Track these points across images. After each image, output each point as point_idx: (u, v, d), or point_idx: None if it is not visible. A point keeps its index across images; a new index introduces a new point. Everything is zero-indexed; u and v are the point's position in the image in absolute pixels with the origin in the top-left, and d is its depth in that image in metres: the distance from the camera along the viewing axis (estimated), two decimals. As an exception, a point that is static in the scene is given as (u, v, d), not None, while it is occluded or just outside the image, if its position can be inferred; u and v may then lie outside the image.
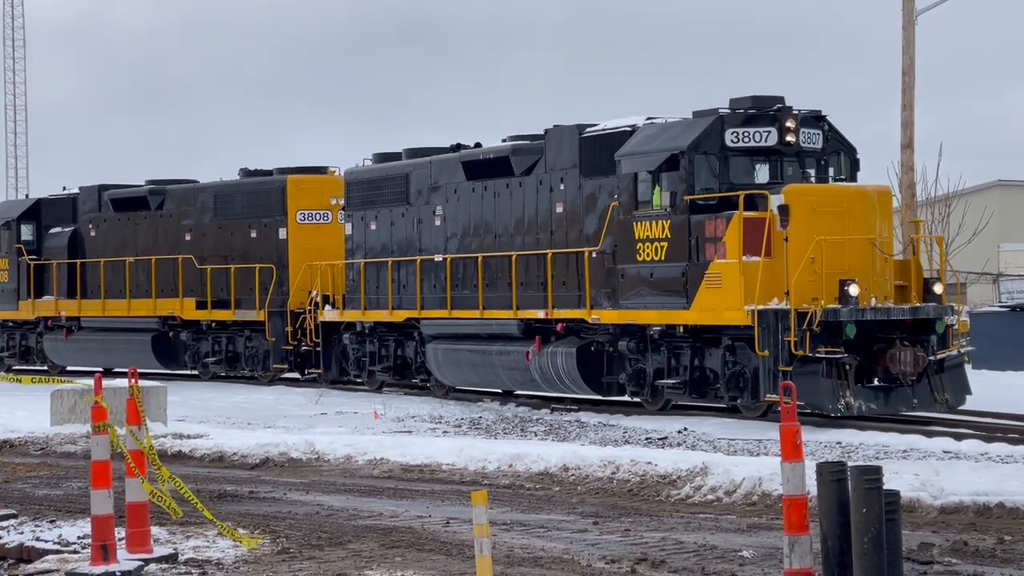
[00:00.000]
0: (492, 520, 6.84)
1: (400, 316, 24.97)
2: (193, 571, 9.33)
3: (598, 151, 21.21)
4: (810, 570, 6.77)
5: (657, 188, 19.88)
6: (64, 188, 34.23)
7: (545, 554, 9.69)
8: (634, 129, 20.67)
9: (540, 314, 22.02)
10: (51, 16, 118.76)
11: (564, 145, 21.89)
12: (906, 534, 8.72)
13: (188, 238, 30.51)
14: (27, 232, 34.01)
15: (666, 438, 17.89)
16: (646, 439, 17.86)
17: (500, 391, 24.40)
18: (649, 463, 13.16)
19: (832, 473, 6.78)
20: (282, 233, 28.72)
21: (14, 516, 11.56)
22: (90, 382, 14.31)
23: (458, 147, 24.55)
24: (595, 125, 21.60)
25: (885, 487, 6.69)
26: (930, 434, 17.34)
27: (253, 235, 29.27)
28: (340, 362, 26.79)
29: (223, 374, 29.79)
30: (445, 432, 19.31)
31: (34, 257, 33.66)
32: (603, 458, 13.62)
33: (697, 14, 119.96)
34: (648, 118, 20.77)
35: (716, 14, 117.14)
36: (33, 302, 33.34)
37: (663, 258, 19.77)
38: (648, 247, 20.02)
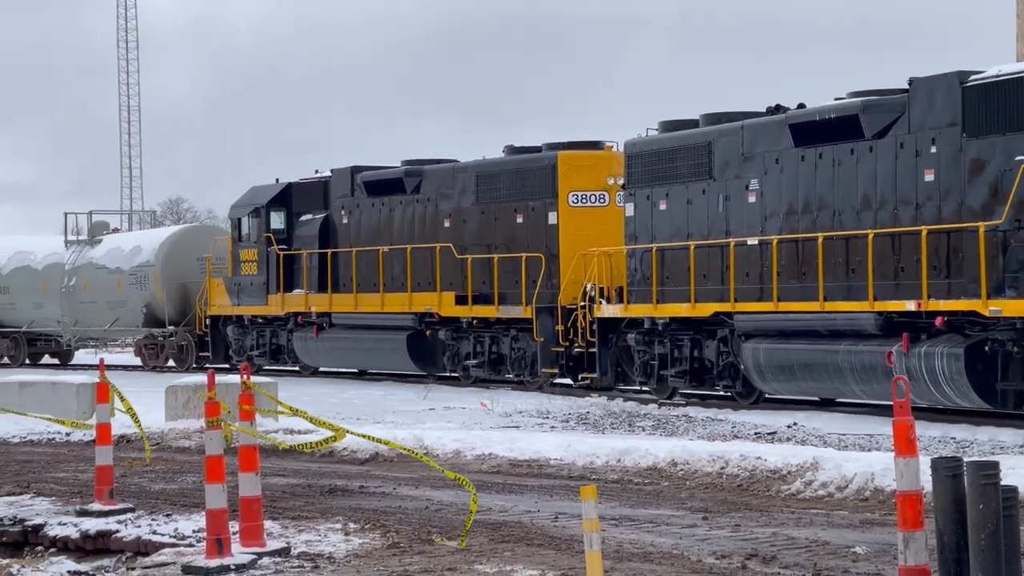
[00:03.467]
0: (601, 515, 6.83)
1: (706, 310, 21.29)
2: (306, 565, 9.43)
3: (991, 103, 17.33)
4: (925, 567, 6.67)
5: None
6: (316, 171, 31.28)
7: (654, 549, 9.65)
8: None
9: (909, 305, 17.99)
10: (166, 19, 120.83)
11: (937, 98, 18.03)
12: (1024, 530, 8.55)
13: (447, 224, 27.22)
14: (277, 220, 31.04)
15: (775, 433, 17.74)
16: (755, 434, 17.73)
17: (818, 400, 20.77)
18: (759, 458, 13.05)
19: (948, 468, 6.67)
20: (552, 218, 25.38)
21: (131, 510, 11.79)
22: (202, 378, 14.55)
23: (777, 108, 20.87)
24: (980, 72, 17.72)
25: (1002, 482, 6.57)
26: (1048, 428, 17.01)
27: (519, 220, 25.90)
28: (618, 366, 23.50)
29: (485, 378, 26.44)
30: (552, 427, 19.33)
31: (284, 247, 30.67)
32: (712, 453, 13.54)
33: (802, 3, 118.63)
34: None
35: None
36: (282, 296, 30.40)
37: None
38: None
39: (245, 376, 10.15)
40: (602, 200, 25.21)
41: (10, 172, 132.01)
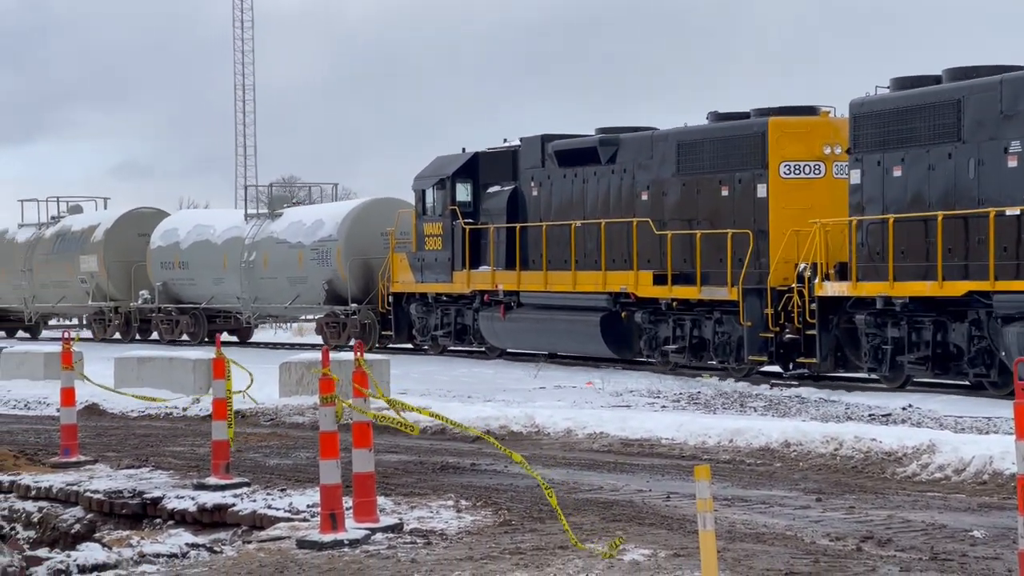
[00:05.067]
0: (713, 495, 6.80)
1: (957, 289, 18.99)
2: (418, 540, 9.49)
3: None
4: (1047, 552, 6.55)
5: None
6: (504, 140, 29.39)
7: (767, 530, 9.58)
8: None
9: None
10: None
11: None
12: None
13: (644, 197, 25.11)
14: (463, 192, 29.14)
15: (890, 415, 17.51)
16: (869, 415, 17.51)
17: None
18: (873, 440, 12.90)
19: (1071, 452, 6.54)
20: (761, 190, 23.01)
21: (247, 484, 11.96)
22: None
23: None
24: None
25: None
26: None
27: (724, 193, 23.63)
28: (837, 351, 21.34)
29: (685, 364, 24.26)
30: (664, 407, 19.26)
31: (470, 221, 28.84)
32: (825, 434, 13.41)
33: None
34: None
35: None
36: (468, 273, 28.65)
37: None
38: None
39: (359, 353, 10.23)
40: (817, 171, 22.79)
41: (129, 151, 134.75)
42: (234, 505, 11.12)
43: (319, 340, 34.66)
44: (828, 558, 8.57)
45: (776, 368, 22.78)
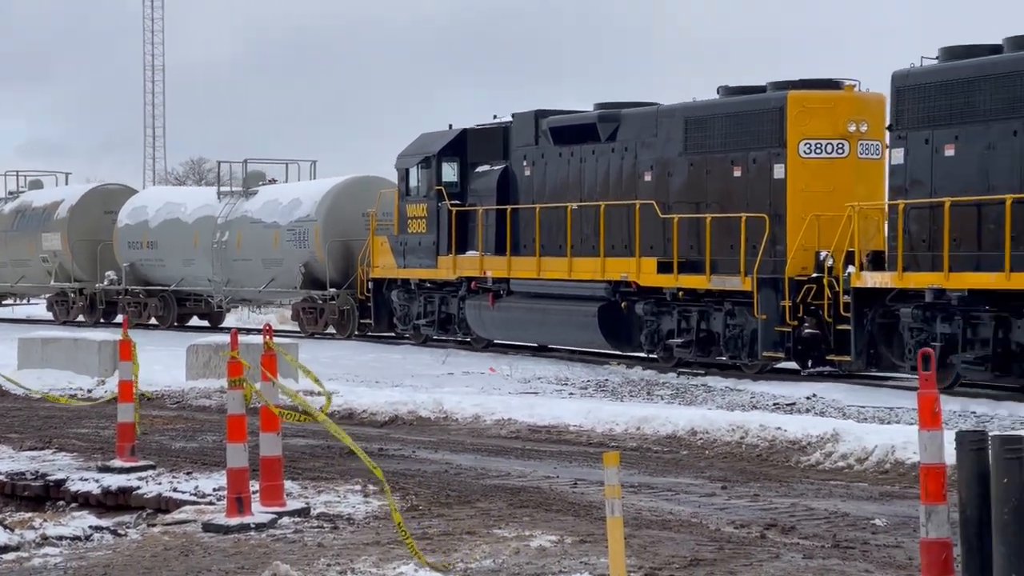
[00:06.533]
0: (620, 482, 6.85)
1: None
2: (325, 525, 9.46)
3: None
4: (947, 540, 6.67)
5: None
6: (495, 116, 27.27)
7: (673, 517, 9.67)
8: None
9: None
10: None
11: None
12: (1045, 506, 8.52)
13: (648, 178, 23.17)
14: (449, 172, 27.11)
15: (794, 404, 17.73)
16: (774, 404, 17.72)
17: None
18: (779, 428, 13.06)
19: (973, 442, 6.64)
20: (778, 171, 20.98)
21: (152, 467, 11.85)
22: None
23: None
24: None
25: (1026, 458, 6.54)
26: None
27: (736, 174, 21.59)
28: (871, 347, 19.19)
29: (692, 360, 22.20)
30: (571, 394, 19.34)
31: (457, 203, 26.81)
32: (731, 422, 13.55)
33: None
34: None
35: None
36: (454, 258, 26.74)
37: None
38: None
39: (267, 336, 10.17)
40: (840, 150, 20.76)
41: (37, 129, 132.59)
42: (139, 488, 11.02)
43: (293, 326, 33.20)
44: (733, 545, 8.67)
45: (792, 365, 20.96)
